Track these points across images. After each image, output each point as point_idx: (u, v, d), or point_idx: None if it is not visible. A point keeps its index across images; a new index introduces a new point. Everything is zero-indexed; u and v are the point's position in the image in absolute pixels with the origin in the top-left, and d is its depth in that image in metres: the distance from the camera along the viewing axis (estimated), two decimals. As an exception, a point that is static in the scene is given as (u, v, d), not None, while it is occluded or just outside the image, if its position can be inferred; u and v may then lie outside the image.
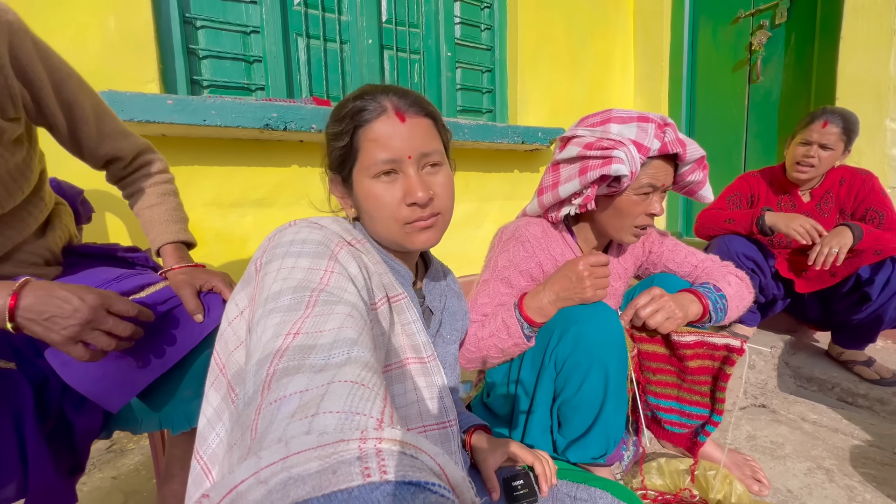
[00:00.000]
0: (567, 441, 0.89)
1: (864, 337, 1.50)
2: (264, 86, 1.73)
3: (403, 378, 0.59)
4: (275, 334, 0.39)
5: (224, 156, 1.57)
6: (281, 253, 0.51)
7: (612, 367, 0.82)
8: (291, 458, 0.23)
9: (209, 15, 1.60)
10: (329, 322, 0.40)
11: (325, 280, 0.47)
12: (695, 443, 0.99)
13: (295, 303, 0.43)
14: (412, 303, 0.64)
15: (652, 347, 0.98)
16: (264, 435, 0.29)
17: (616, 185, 0.83)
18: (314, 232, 0.54)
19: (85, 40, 1.33)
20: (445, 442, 0.61)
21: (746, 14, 2.29)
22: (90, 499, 1.04)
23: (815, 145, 1.49)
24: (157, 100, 1.29)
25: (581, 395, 0.83)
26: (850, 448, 1.18)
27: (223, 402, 0.51)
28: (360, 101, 0.58)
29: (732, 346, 0.88)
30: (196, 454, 0.51)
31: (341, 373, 0.33)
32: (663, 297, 0.91)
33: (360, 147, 0.58)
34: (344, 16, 1.88)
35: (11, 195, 0.69)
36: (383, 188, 0.58)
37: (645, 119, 0.82)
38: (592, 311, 0.82)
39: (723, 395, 0.93)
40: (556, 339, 0.83)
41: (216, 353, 0.54)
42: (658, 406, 1.01)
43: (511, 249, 0.90)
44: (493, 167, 2.22)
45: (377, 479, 0.22)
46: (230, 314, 0.55)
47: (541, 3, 2.28)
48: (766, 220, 1.49)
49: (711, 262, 1.06)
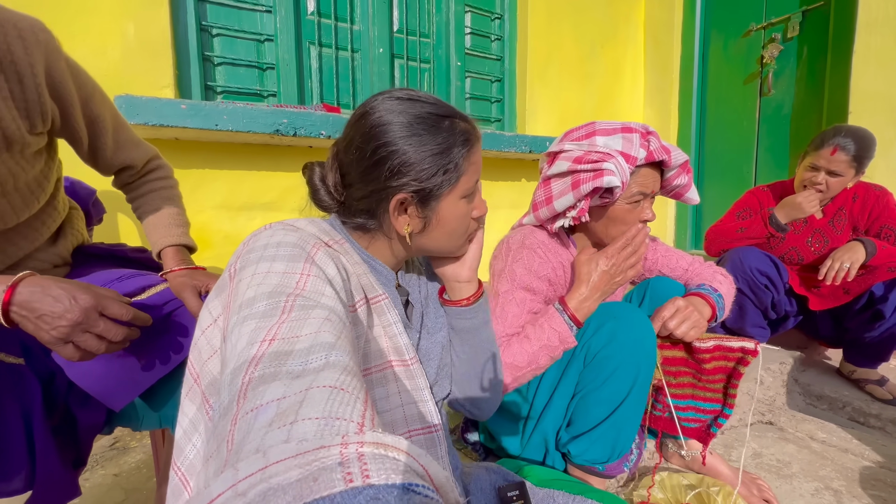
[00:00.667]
0: (572, 435, 0.90)
1: (877, 355, 1.46)
2: (276, 92, 1.76)
3: (386, 381, 0.58)
4: (249, 342, 0.38)
5: (234, 160, 1.60)
6: (255, 258, 0.49)
7: (643, 370, 0.85)
8: (270, 467, 0.23)
9: (225, 23, 1.65)
10: (305, 327, 0.39)
11: (301, 284, 0.46)
12: (707, 434, 1.05)
13: (270, 308, 0.41)
14: (393, 304, 0.63)
15: (672, 353, 1.02)
16: (241, 446, 0.28)
17: (608, 196, 0.86)
18: (289, 235, 0.52)
19: (105, 46, 1.37)
20: (432, 447, 0.60)
21: (758, 27, 2.28)
22: (92, 495, 1.06)
23: (823, 171, 1.45)
24: (171, 104, 1.32)
25: (605, 389, 0.85)
26: (859, 469, 1.14)
27: (198, 412, 0.50)
28: (463, 124, 0.59)
29: (747, 348, 0.95)
30: (174, 465, 0.50)
31: (319, 378, 0.33)
32: (688, 308, 0.94)
33: (464, 170, 0.59)
34: (356, 25, 1.92)
35: (28, 206, 0.71)
36: (468, 207, 0.62)
37: (628, 129, 0.85)
38: (629, 310, 0.87)
39: (735, 392, 0.99)
40: (592, 332, 0.86)
41: (190, 363, 0.53)
42: (676, 406, 1.04)
43: (525, 257, 0.91)
44: (501, 175, 2.23)
45: (359, 483, 0.21)
46: (203, 322, 0.53)
47: (551, 14, 2.30)
48: (778, 216, 1.48)
49: (699, 264, 1.10)
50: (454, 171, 0.58)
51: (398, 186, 0.56)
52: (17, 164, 0.67)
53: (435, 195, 0.58)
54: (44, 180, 0.74)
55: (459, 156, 0.58)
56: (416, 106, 0.57)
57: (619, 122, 0.87)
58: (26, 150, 0.67)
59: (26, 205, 0.71)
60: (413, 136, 0.56)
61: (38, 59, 0.63)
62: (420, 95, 0.59)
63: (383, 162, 0.56)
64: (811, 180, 1.47)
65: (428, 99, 0.58)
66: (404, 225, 0.59)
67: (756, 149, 2.35)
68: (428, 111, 0.57)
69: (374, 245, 0.64)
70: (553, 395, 0.90)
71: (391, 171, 0.56)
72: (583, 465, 0.90)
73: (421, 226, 0.60)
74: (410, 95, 0.58)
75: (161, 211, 0.86)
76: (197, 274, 0.77)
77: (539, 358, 0.83)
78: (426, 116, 0.57)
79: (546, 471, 0.81)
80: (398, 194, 0.57)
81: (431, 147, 0.56)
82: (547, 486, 0.74)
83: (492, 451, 1.07)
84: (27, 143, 0.66)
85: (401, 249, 0.64)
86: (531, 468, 0.81)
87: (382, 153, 0.55)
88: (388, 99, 0.58)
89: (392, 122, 0.56)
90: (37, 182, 0.72)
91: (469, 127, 0.60)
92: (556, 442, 0.93)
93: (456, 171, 0.58)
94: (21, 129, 0.64)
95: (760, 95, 2.30)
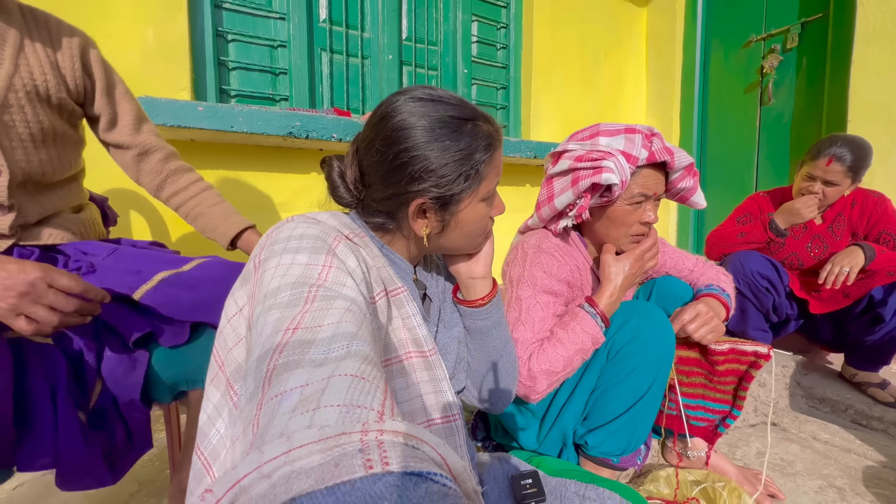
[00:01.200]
0: (589, 428, 0.92)
1: (879, 359, 1.48)
2: (288, 97, 1.80)
3: (405, 372, 0.59)
4: (274, 330, 0.39)
5: (248, 161, 1.63)
6: (279, 250, 0.50)
7: (663, 367, 0.88)
8: (294, 451, 0.23)
9: (240, 29, 1.69)
10: (328, 317, 0.40)
11: (324, 275, 0.47)
12: (715, 434, 1.08)
13: (293, 299, 0.43)
14: (412, 296, 0.64)
15: (686, 353, 1.05)
16: (266, 430, 0.29)
17: (608, 195, 0.87)
18: (311, 227, 0.53)
19: (125, 50, 1.41)
20: (451, 436, 0.60)
21: (758, 38, 2.33)
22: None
23: (819, 181, 1.47)
24: (188, 106, 1.36)
25: (626, 384, 0.87)
26: (862, 468, 1.16)
27: (223, 398, 0.51)
28: (486, 126, 0.59)
29: (760, 352, 0.97)
30: (197, 450, 0.51)
31: (341, 367, 0.34)
32: (709, 314, 0.96)
33: (485, 175, 0.59)
34: (366, 33, 1.96)
35: (64, 165, 0.84)
36: (486, 209, 0.63)
37: (632, 130, 0.86)
38: (652, 309, 0.90)
39: (745, 394, 1.01)
40: (615, 328, 0.88)
41: (215, 350, 0.54)
42: (686, 404, 1.06)
43: (544, 261, 0.91)
44: (505, 180, 2.26)
45: (379, 470, 0.22)
46: (229, 311, 0.54)
47: (555, 23, 2.35)
48: (777, 222, 1.51)
49: (703, 264, 1.12)
50: (475, 177, 0.58)
51: (418, 192, 0.56)
52: (58, 119, 0.81)
53: (455, 200, 0.58)
54: (78, 149, 0.88)
55: (481, 161, 0.57)
56: (438, 108, 0.56)
57: (623, 124, 0.88)
58: (72, 117, 0.84)
59: (63, 164, 0.83)
60: (434, 141, 0.55)
61: (76, 42, 0.83)
62: (442, 95, 0.58)
63: (404, 167, 0.55)
64: (808, 190, 1.50)
65: (450, 100, 0.58)
66: (423, 227, 0.60)
67: (757, 156, 2.39)
68: (451, 114, 0.56)
69: (393, 242, 0.65)
70: (574, 391, 0.92)
71: (411, 176, 0.55)
72: (598, 458, 0.92)
73: (440, 228, 0.61)
74: (432, 96, 0.57)
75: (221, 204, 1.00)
76: None
77: (574, 361, 0.84)
78: (448, 121, 0.56)
79: (558, 462, 0.83)
80: (418, 199, 0.57)
81: (453, 154, 0.55)
82: (559, 475, 0.75)
83: (501, 447, 1.09)
84: (64, 103, 0.81)
85: (418, 247, 0.66)
86: (543, 458, 0.83)
87: (404, 158, 0.55)
88: (409, 100, 0.57)
89: (414, 125, 0.55)
90: (74, 149, 0.87)
91: (492, 130, 0.59)
92: (573, 434, 0.94)
93: (477, 176, 0.58)
94: (60, 90, 0.80)
95: (761, 104, 2.35)
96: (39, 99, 0.77)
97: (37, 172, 0.78)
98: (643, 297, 1.10)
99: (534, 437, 0.97)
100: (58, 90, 0.80)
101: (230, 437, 0.50)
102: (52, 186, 0.82)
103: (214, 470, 0.49)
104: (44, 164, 0.79)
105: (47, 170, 0.80)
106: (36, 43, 0.78)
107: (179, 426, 1.00)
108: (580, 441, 0.93)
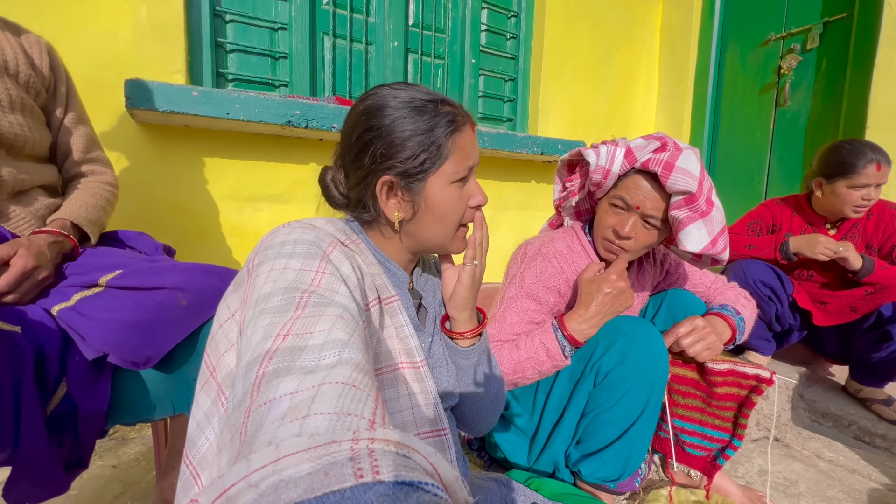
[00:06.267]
0: (582, 454, 0.88)
1: (885, 375, 1.45)
2: (288, 82, 1.73)
3: (396, 382, 0.58)
4: (264, 336, 0.38)
5: (244, 150, 1.57)
6: (272, 254, 0.50)
7: (656, 389, 0.83)
8: (282, 460, 0.23)
9: (239, 10, 1.61)
10: (320, 324, 0.40)
11: (317, 281, 0.46)
12: (713, 466, 1.00)
13: (285, 304, 0.42)
14: (405, 305, 0.63)
15: (683, 371, 0.99)
16: (254, 438, 0.28)
17: (595, 189, 0.85)
18: (306, 233, 0.53)
19: (116, 28, 1.34)
20: (441, 450, 0.59)
21: (777, 37, 2.25)
22: (89, 486, 1.04)
23: (873, 186, 1.43)
24: (182, 91, 1.29)
25: (617, 410, 0.83)
26: (867, 491, 1.13)
27: (213, 405, 0.51)
28: (448, 107, 0.59)
29: (762, 376, 0.90)
30: (185, 458, 0.50)
31: (332, 374, 0.33)
32: (706, 329, 0.91)
33: (450, 152, 0.59)
34: (371, 17, 1.88)
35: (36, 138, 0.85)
36: (458, 193, 0.61)
37: (659, 139, 0.82)
38: (640, 327, 0.83)
39: (745, 422, 0.95)
40: (601, 351, 0.83)
41: (206, 356, 0.54)
42: (682, 429, 1.02)
43: (538, 266, 0.88)
44: (510, 176, 2.20)
45: (370, 479, 0.22)
46: (221, 317, 0.54)
47: (568, 14, 2.26)
48: (790, 246, 1.45)
49: (722, 283, 1.07)
50: (437, 152, 0.58)
51: (383, 169, 0.58)
52: (27, 96, 0.83)
53: (419, 177, 0.58)
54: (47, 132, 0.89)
55: (443, 135, 0.57)
56: (404, 92, 0.58)
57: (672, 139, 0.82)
58: (30, 90, 0.84)
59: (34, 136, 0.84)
60: (398, 119, 0.57)
61: (44, 45, 0.89)
62: (413, 85, 0.60)
63: (369, 146, 0.58)
64: (865, 197, 1.44)
65: (420, 87, 0.60)
66: (394, 210, 0.60)
67: (769, 160, 2.33)
68: (417, 97, 0.58)
69: (386, 243, 0.64)
70: (563, 416, 0.88)
71: (375, 154, 0.57)
72: (595, 483, 0.89)
73: (411, 211, 0.60)
74: (404, 84, 0.60)
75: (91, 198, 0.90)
76: (39, 238, 0.75)
77: (525, 369, 0.81)
78: (411, 100, 0.58)
79: (558, 484, 0.80)
80: (383, 176, 0.58)
81: (413, 129, 0.57)
82: (559, 499, 0.73)
83: (496, 460, 1.06)
84: (32, 83, 0.84)
85: (404, 244, 0.64)
86: (543, 481, 0.80)
87: (367, 138, 0.57)
88: (380, 88, 0.60)
89: (381, 106, 0.57)
90: (42, 127, 0.88)
91: (456, 111, 0.60)
92: (566, 459, 0.91)
93: (439, 151, 0.58)
94: (29, 72, 0.83)
95: (776, 106, 2.28)
96: (9, 74, 0.80)
97: (8, 134, 0.79)
98: (653, 309, 1.06)
99: (524, 456, 0.94)
100: (28, 72, 0.83)
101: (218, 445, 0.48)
102: (29, 163, 0.84)
103: (203, 479, 0.49)
104: (14, 127, 0.80)
105: (18, 133, 0.81)
106: (6, 32, 0.82)
107: (166, 424, 0.97)
108: (574, 468, 0.90)
